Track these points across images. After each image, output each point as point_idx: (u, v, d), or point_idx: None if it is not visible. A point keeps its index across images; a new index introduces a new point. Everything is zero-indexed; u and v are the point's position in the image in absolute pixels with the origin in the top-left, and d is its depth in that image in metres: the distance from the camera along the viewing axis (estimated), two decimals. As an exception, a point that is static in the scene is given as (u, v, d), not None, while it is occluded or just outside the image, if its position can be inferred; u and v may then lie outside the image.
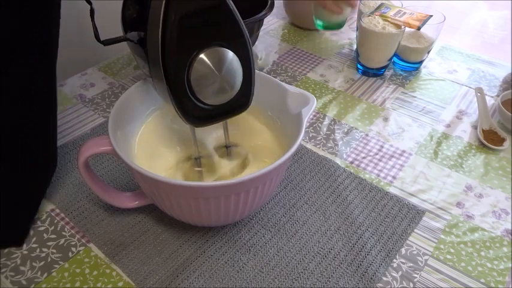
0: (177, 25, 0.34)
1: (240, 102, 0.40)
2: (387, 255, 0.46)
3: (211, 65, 0.35)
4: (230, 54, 0.36)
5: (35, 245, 0.46)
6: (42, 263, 0.44)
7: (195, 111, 0.38)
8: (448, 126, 0.65)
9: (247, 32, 0.37)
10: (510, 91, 0.66)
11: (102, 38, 0.41)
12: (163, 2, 0.33)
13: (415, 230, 0.49)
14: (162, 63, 0.35)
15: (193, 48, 0.35)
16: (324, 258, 0.46)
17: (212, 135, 0.50)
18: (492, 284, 0.44)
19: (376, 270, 0.45)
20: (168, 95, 0.36)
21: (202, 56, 0.35)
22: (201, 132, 0.45)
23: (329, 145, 0.60)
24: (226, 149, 0.48)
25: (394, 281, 0.44)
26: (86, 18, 0.41)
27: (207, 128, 0.44)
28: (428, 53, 0.75)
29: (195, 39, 0.35)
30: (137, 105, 0.48)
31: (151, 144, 0.49)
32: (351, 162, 0.58)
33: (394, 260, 0.46)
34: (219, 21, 0.36)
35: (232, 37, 0.37)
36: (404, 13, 0.71)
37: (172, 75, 0.35)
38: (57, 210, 0.49)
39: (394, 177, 0.56)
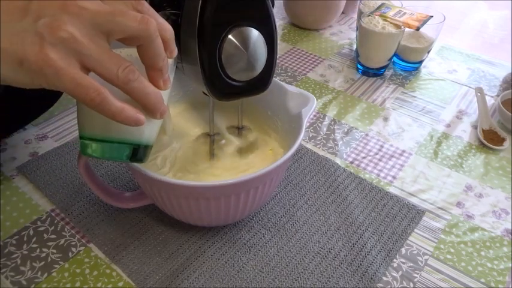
0: (215, 2, 0.35)
1: (262, 81, 0.41)
2: (387, 255, 0.46)
3: (241, 42, 0.37)
4: (257, 34, 0.37)
5: (35, 245, 0.46)
6: (42, 263, 0.44)
7: (223, 87, 0.39)
8: (448, 126, 0.65)
9: (273, 13, 0.38)
10: (510, 91, 0.66)
11: None
12: None
13: (415, 230, 0.49)
14: (197, 36, 0.36)
15: (226, 26, 0.36)
16: (324, 258, 0.46)
17: (226, 118, 0.52)
18: (492, 284, 0.44)
19: (376, 270, 0.45)
20: (200, 70, 0.37)
21: (233, 33, 0.36)
22: (216, 113, 0.47)
23: (329, 145, 0.60)
24: (238, 131, 0.50)
25: (394, 281, 0.44)
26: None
27: (222, 110, 0.49)
28: (428, 52, 0.75)
29: (228, 17, 0.36)
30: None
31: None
32: (351, 162, 0.58)
33: (394, 260, 0.46)
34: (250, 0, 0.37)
35: (260, 17, 0.38)
36: (404, 13, 0.71)
37: (206, 51, 0.36)
38: (57, 210, 0.49)
39: (394, 177, 0.56)
